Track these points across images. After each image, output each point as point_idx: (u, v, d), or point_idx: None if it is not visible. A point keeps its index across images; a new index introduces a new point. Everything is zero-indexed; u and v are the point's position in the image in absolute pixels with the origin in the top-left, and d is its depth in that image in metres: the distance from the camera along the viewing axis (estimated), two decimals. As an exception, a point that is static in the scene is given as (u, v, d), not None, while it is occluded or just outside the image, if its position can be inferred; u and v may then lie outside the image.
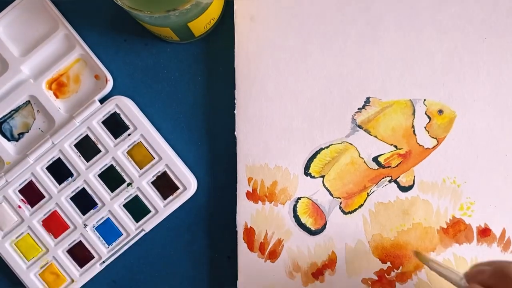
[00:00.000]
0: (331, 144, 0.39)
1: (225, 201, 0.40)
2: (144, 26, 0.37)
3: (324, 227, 0.39)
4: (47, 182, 0.39)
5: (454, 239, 0.38)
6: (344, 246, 0.38)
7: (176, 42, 0.40)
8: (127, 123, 0.39)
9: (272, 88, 0.39)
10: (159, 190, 0.39)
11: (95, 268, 0.39)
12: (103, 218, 0.39)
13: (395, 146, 0.38)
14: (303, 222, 0.39)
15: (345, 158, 0.39)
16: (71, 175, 0.39)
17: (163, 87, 0.40)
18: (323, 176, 0.39)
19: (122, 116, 0.39)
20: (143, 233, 0.39)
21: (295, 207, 0.39)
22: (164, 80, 0.40)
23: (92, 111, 0.39)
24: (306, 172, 0.39)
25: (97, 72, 0.40)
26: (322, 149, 0.39)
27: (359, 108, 0.38)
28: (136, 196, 0.39)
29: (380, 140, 0.38)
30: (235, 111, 0.39)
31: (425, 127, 0.38)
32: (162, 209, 0.39)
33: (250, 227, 0.39)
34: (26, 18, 0.39)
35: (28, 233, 0.39)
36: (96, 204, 0.39)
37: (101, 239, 0.39)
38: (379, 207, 0.38)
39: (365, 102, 0.38)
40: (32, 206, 0.39)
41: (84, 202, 0.39)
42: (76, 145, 0.39)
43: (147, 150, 0.39)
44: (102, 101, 0.39)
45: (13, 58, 0.39)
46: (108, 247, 0.39)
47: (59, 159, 0.39)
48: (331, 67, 0.38)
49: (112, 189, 0.39)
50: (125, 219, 0.39)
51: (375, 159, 0.38)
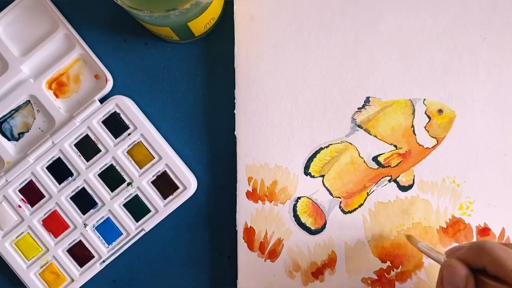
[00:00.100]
0: (331, 144, 0.39)
1: (225, 200, 0.40)
2: (144, 25, 0.37)
3: (324, 227, 0.39)
4: (47, 182, 0.39)
5: (453, 239, 0.38)
6: (344, 246, 0.38)
7: (176, 41, 0.40)
8: (127, 122, 0.39)
9: (272, 88, 0.39)
10: (159, 190, 0.39)
11: (95, 267, 0.39)
12: (103, 217, 0.39)
13: (395, 146, 0.38)
14: (303, 222, 0.39)
15: (345, 157, 0.39)
16: (71, 174, 0.39)
17: (163, 87, 0.40)
18: (323, 176, 0.39)
19: (122, 115, 0.39)
20: (143, 232, 0.39)
21: (295, 206, 0.39)
22: (164, 80, 0.40)
23: (92, 111, 0.39)
24: (306, 172, 0.39)
25: (97, 72, 0.40)
26: (322, 148, 0.39)
27: (359, 108, 0.38)
28: (136, 195, 0.39)
29: (380, 139, 0.38)
30: (235, 111, 0.39)
31: (425, 127, 0.38)
32: (162, 208, 0.39)
33: (250, 226, 0.39)
34: (26, 18, 0.39)
35: (28, 232, 0.39)
36: (96, 203, 0.39)
37: (101, 238, 0.39)
38: (379, 207, 0.38)
39: (365, 101, 0.38)
40: (32, 206, 0.39)
41: (84, 201, 0.39)
42: (76, 144, 0.39)
43: (147, 150, 0.39)
44: (102, 100, 0.39)
45: (13, 58, 0.39)
46: (108, 247, 0.39)
47: (59, 158, 0.39)
48: (331, 67, 0.38)
49: (112, 188, 0.39)
50: (125, 219, 0.39)
51: (375, 159, 0.38)
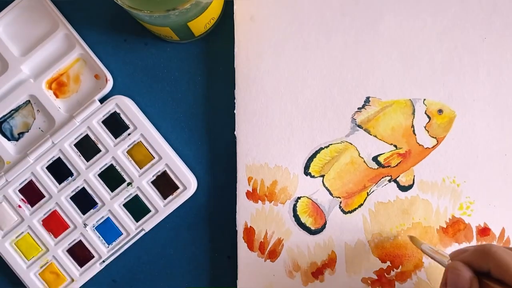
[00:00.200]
0: (331, 144, 0.39)
1: (225, 200, 0.40)
2: (144, 25, 0.37)
3: (324, 227, 0.39)
4: (47, 182, 0.39)
5: (453, 239, 0.38)
6: (344, 246, 0.38)
7: (176, 41, 0.40)
8: (127, 122, 0.39)
9: (272, 88, 0.39)
10: (159, 190, 0.39)
11: (95, 267, 0.39)
12: (103, 217, 0.39)
13: (395, 146, 0.38)
14: (303, 222, 0.39)
15: (345, 157, 0.39)
16: (71, 174, 0.39)
17: (163, 87, 0.40)
18: (323, 176, 0.39)
19: (122, 115, 0.39)
20: (143, 232, 0.39)
21: (295, 206, 0.39)
22: (164, 80, 0.40)
23: (92, 111, 0.39)
24: (306, 172, 0.39)
25: (97, 72, 0.40)
26: (322, 148, 0.39)
27: (359, 108, 0.38)
28: (136, 195, 0.39)
29: (380, 139, 0.38)
30: (235, 111, 0.39)
31: (424, 127, 0.38)
32: (162, 208, 0.39)
33: (250, 226, 0.39)
34: (26, 18, 0.39)
35: (28, 232, 0.39)
36: (96, 203, 0.39)
37: (101, 238, 0.39)
38: (379, 207, 0.38)
39: (365, 101, 0.38)
40: (32, 206, 0.39)
41: (84, 201, 0.39)
42: (76, 144, 0.39)
43: (147, 150, 0.39)
44: (102, 100, 0.39)
45: (13, 58, 0.39)
46: (108, 247, 0.39)
47: (59, 158, 0.39)
48: (331, 67, 0.38)
49: (112, 188, 0.39)
50: (125, 219, 0.39)
51: (375, 159, 0.38)
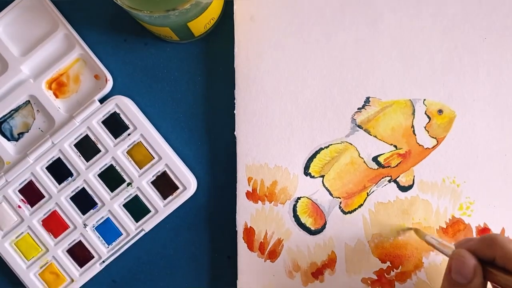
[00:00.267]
0: (331, 144, 0.39)
1: (225, 201, 0.40)
2: (144, 26, 0.37)
3: (324, 227, 0.39)
4: (47, 182, 0.39)
5: (453, 239, 0.38)
6: (343, 246, 0.38)
7: (176, 42, 0.40)
8: (127, 123, 0.39)
9: (272, 88, 0.39)
10: (159, 190, 0.39)
11: (95, 268, 0.39)
12: (103, 218, 0.39)
13: (395, 146, 0.38)
14: (303, 222, 0.39)
15: (345, 158, 0.39)
16: (71, 175, 0.39)
17: (163, 87, 0.40)
18: (323, 176, 0.39)
19: (122, 116, 0.39)
20: (143, 233, 0.39)
21: (295, 207, 0.39)
22: (164, 80, 0.40)
23: (92, 111, 0.39)
24: (306, 172, 0.39)
25: (97, 72, 0.40)
26: (322, 149, 0.39)
27: (359, 108, 0.38)
28: (136, 196, 0.39)
29: (379, 140, 0.38)
30: (235, 111, 0.39)
31: (424, 127, 0.38)
32: (162, 209, 0.39)
33: (250, 227, 0.39)
34: (26, 18, 0.39)
35: (28, 233, 0.39)
36: (96, 204, 0.39)
37: (101, 239, 0.39)
38: (378, 207, 0.38)
39: (365, 102, 0.38)
40: (32, 206, 0.39)
41: (84, 202, 0.39)
42: (76, 145, 0.39)
43: (147, 150, 0.39)
44: (102, 101, 0.39)
45: (13, 58, 0.39)
46: (108, 247, 0.39)
47: (59, 159, 0.39)
48: (331, 67, 0.38)
49: (112, 189, 0.39)
50: (125, 219, 0.39)
51: (375, 159, 0.38)
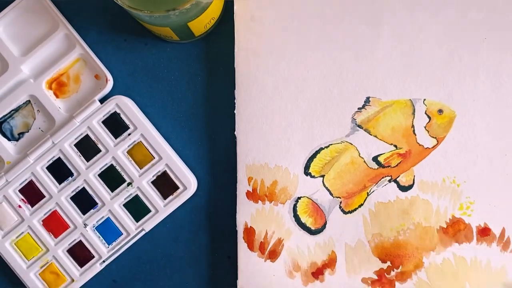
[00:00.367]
0: (331, 144, 0.39)
1: (225, 200, 0.40)
2: (144, 25, 0.37)
3: (324, 227, 0.39)
4: (47, 182, 0.39)
5: (453, 239, 0.38)
6: (344, 246, 0.38)
7: (176, 41, 0.40)
8: (127, 122, 0.39)
9: (272, 88, 0.39)
10: (159, 190, 0.39)
11: (95, 267, 0.39)
12: (103, 217, 0.39)
13: (395, 146, 0.38)
14: (303, 222, 0.39)
15: (345, 157, 0.39)
16: (71, 174, 0.39)
17: (163, 87, 0.40)
18: (323, 176, 0.39)
19: (122, 115, 0.39)
20: (143, 232, 0.39)
21: (295, 206, 0.39)
22: (164, 80, 0.40)
23: (92, 111, 0.39)
24: (306, 172, 0.39)
25: (97, 72, 0.40)
26: (322, 148, 0.39)
27: (359, 108, 0.38)
28: (136, 195, 0.39)
29: (380, 139, 0.38)
30: (235, 111, 0.39)
31: (425, 127, 0.38)
32: (162, 208, 0.39)
33: (250, 226, 0.39)
34: (26, 18, 0.39)
35: (28, 232, 0.39)
36: (96, 203, 0.39)
37: (101, 238, 0.39)
38: (379, 207, 0.38)
39: (365, 101, 0.38)
40: (32, 206, 0.39)
41: (84, 201, 0.39)
42: (76, 144, 0.39)
43: (147, 150, 0.39)
44: (102, 100, 0.39)
45: (13, 58, 0.39)
46: (108, 247, 0.39)
47: (59, 158, 0.39)
48: (331, 67, 0.38)
49: (112, 188, 0.39)
50: (125, 219, 0.39)
51: (375, 159, 0.38)
